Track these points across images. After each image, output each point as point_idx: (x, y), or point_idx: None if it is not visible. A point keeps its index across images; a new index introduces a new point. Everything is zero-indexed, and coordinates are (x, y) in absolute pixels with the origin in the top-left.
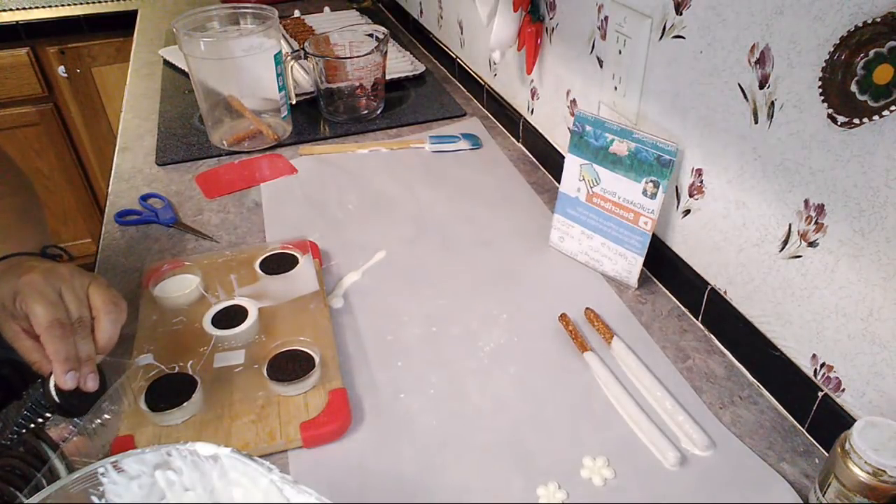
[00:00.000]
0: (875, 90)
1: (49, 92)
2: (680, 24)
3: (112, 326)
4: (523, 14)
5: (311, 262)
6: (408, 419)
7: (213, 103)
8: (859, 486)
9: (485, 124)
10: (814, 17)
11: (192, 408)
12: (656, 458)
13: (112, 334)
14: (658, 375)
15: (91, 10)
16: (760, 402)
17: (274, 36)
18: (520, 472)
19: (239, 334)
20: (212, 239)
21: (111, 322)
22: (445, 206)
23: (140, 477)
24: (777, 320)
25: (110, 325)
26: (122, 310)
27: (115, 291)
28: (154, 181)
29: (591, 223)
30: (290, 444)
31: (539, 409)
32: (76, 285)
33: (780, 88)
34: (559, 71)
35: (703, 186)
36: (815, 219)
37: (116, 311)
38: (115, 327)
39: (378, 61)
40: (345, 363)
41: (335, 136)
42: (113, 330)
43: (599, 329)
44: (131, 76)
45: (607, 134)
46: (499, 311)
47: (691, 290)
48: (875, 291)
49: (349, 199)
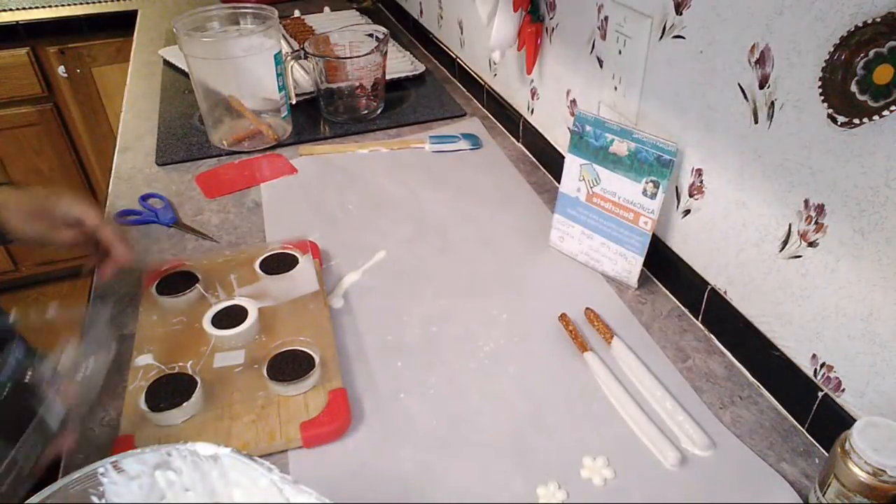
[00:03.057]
0: (875, 90)
1: (49, 92)
2: (680, 24)
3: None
4: (523, 14)
5: (311, 262)
6: (408, 419)
7: (213, 103)
8: (859, 486)
9: (485, 124)
10: (814, 17)
11: (192, 408)
12: (656, 458)
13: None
14: (658, 375)
15: (91, 10)
16: (760, 402)
17: (274, 36)
18: (520, 472)
19: (239, 334)
20: (212, 239)
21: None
22: (445, 206)
23: (140, 477)
24: (777, 320)
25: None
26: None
27: None
28: (154, 181)
29: (591, 223)
30: (290, 444)
31: (539, 409)
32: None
33: (780, 88)
34: (559, 71)
35: (703, 186)
36: (815, 219)
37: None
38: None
39: (378, 61)
40: (345, 363)
41: (335, 136)
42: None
43: (599, 329)
44: (131, 76)
45: (607, 134)
46: (499, 311)
47: (691, 290)
48: (875, 291)
49: (349, 199)
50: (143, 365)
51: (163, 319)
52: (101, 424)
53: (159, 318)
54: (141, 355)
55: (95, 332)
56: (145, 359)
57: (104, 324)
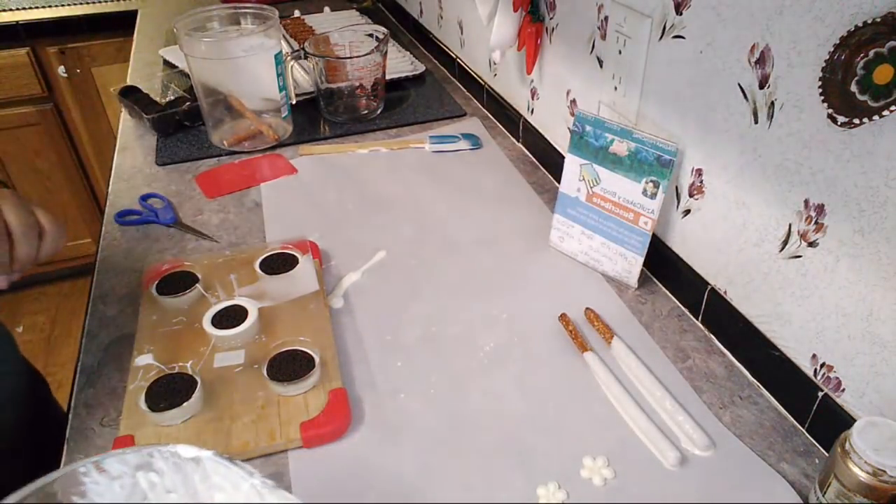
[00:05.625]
0: (875, 90)
1: (49, 92)
2: (680, 24)
3: (52, 242)
4: (523, 14)
5: (311, 262)
6: (408, 419)
7: (213, 103)
8: (859, 486)
9: (485, 124)
10: (814, 17)
11: (191, 408)
12: (656, 458)
13: (52, 249)
14: (658, 375)
15: (91, 10)
16: (760, 402)
17: (274, 36)
18: (520, 472)
19: (239, 334)
20: (212, 239)
21: (51, 237)
22: (445, 206)
23: (122, 478)
24: (777, 320)
25: (50, 241)
26: (63, 231)
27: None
28: (154, 181)
29: (591, 223)
30: (290, 444)
31: (539, 409)
32: (18, 203)
33: (780, 88)
34: (559, 71)
35: (703, 186)
36: (815, 219)
37: (58, 230)
38: (55, 244)
39: (378, 61)
40: (345, 363)
41: (335, 136)
42: (53, 246)
43: (599, 329)
44: (131, 76)
45: (607, 134)
46: (499, 311)
47: (691, 290)
48: (875, 291)
49: (349, 199)
50: (143, 365)
51: (163, 319)
52: (100, 424)
53: (159, 318)
54: (141, 355)
55: None
56: (145, 359)
57: None
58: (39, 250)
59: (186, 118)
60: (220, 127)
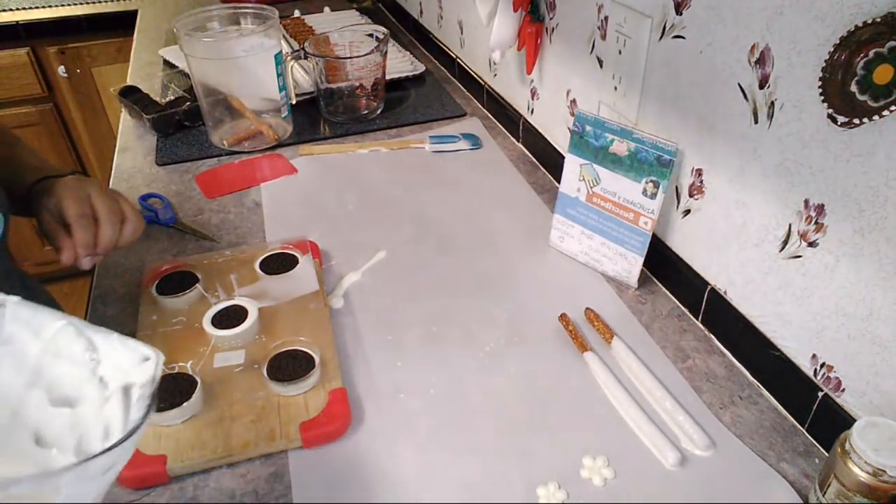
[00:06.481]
0: (875, 90)
1: (49, 92)
2: (680, 24)
3: (132, 229)
4: (523, 14)
5: (311, 262)
6: (408, 419)
7: (213, 103)
8: (859, 486)
9: (485, 124)
10: (814, 17)
11: (191, 408)
12: (656, 458)
13: (131, 236)
14: (658, 375)
15: (91, 10)
16: (760, 402)
17: (274, 36)
18: (520, 472)
19: (239, 334)
20: (212, 239)
21: (132, 224)
22: (445, 205)
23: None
24: (777, 320)
25: (131, 228)
26: (142, 221)
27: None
28: (154, 181)
29: (591, 223)
30: (290, 444)
31: (539, 409)
32: (105, 191)
33: (780, 88)
34: (559, 71)
35: (703, 186)
36: (815, 219)
37: (138, 219)
38: (135, 231)
39: (378, 61)
40: (345, 363)
41: (335, 136)
42: (133, 233)
43: (599, 329)
44: (131, 76)
45: (607, 134)
46: (499, 311)
47: (691, 290)
48: (875, 291)
49: (349, 199)
50: None
51: (163, 319)
52: None
53: (159, 318)
54: None
55: None
56: None
57: None
58: (121, 235)
59: (186, 118)
60: (220, 127)
